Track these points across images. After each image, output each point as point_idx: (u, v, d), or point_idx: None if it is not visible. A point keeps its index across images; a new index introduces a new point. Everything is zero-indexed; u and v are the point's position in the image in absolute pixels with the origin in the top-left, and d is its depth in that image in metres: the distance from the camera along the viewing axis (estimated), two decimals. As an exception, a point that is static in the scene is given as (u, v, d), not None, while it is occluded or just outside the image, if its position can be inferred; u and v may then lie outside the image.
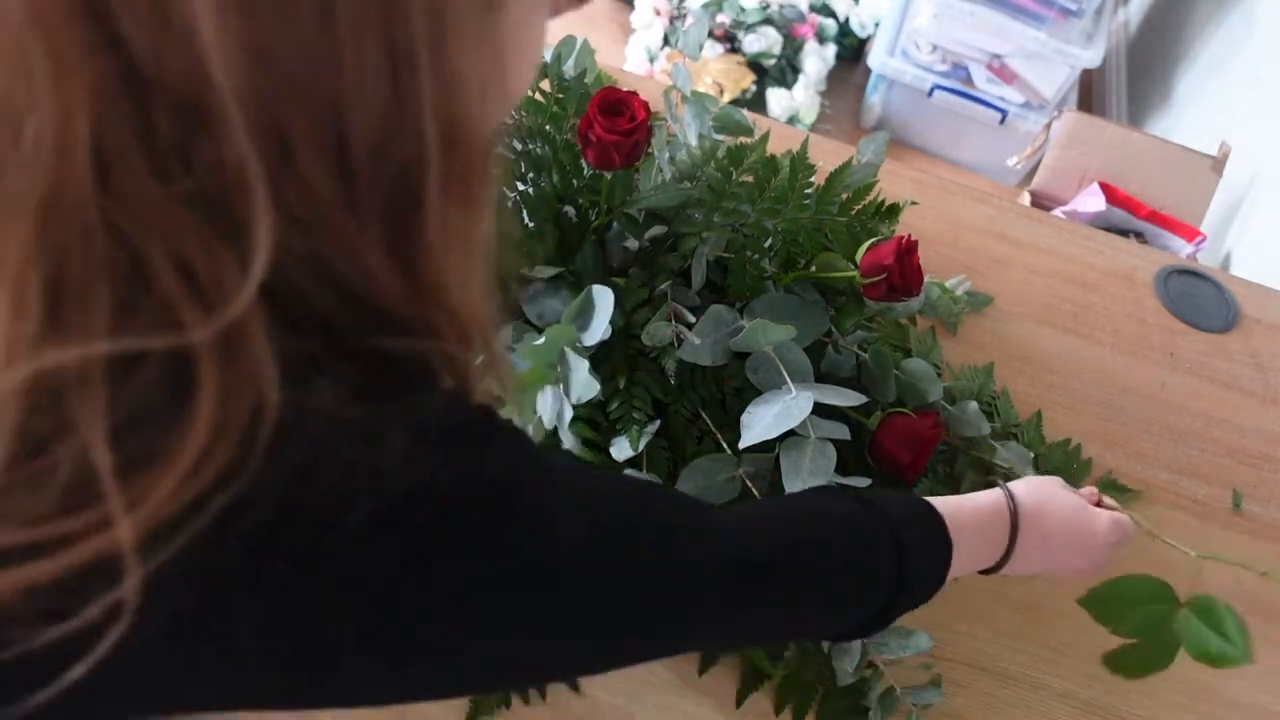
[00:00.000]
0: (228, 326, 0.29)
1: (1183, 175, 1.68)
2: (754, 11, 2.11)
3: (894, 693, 0.70)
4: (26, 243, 0.27)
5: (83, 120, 0.27)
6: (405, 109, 0.30)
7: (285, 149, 0.29)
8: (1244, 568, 0.76)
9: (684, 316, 0.76)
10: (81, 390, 0.28)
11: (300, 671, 0.32)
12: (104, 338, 0.28)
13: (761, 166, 0.78)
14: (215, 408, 0.28)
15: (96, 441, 0.28)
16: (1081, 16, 1.96)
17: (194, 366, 0.29)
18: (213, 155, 0.28)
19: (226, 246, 0.29)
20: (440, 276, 0.34)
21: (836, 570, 0.51)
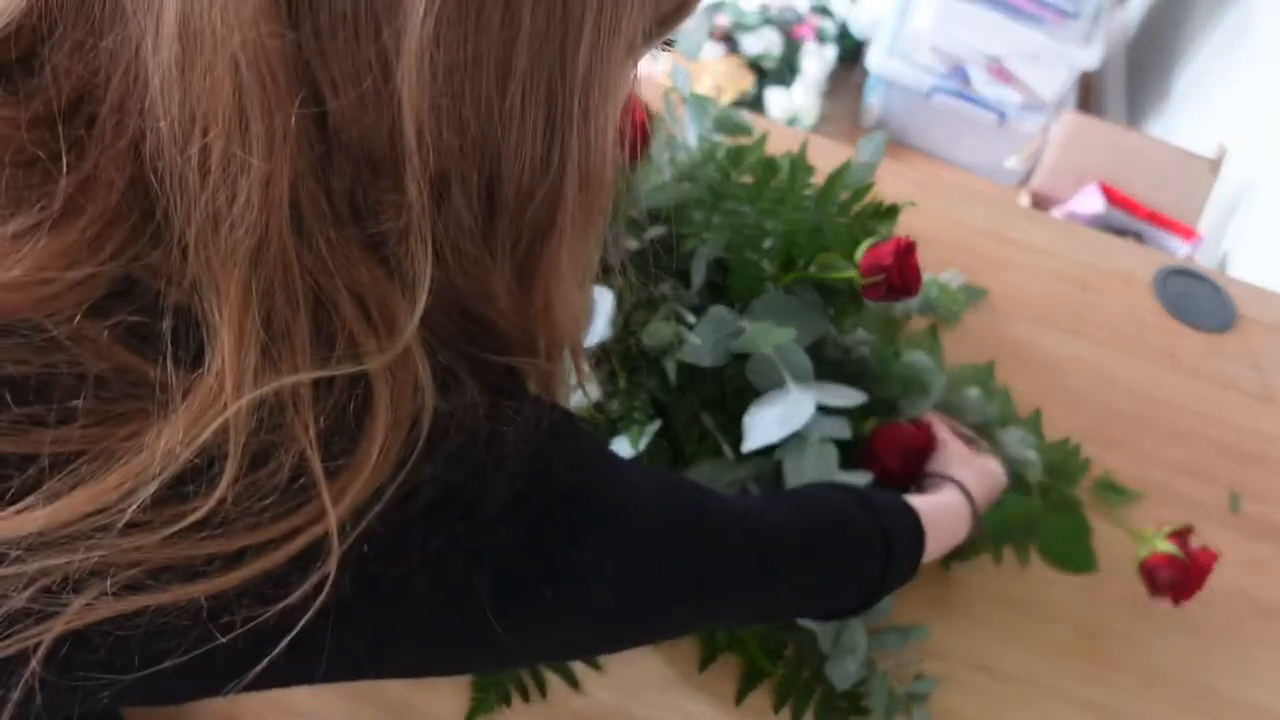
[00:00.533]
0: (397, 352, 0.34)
1: (1180, 176, 1.68)
2: (753, 13, 2.11)
3: (893, 691, 0.70)
4: (243, 287, 0.31)
5: (283, 177, 0.31)
6: (553, 161, 0.34)
7: (443, 194, 0.33)
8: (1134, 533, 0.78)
9: (684, 317, 0.77)
10: (295, 409, 0.32)
11: (447, 636, 0.38)
12: (307, 367, 0.32)
13: (761, 167, 0.78)
14: (389, 415, 0.33)
15: (310, 448, 0.32)
16: (1080, 18, 1.97)
17: (371, 384, 0.33)
18: (384, 201, 0.33)
19: (393, 281, 0.34)
20: (550, 299, 0.39)
21: (844, 557, 0.59)
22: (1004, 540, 0.78)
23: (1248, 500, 0.90)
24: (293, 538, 0.32)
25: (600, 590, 0.41)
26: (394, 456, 0.34)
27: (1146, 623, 0.81)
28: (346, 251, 0.33)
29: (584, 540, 0.39)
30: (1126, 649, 0.79)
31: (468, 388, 0.36)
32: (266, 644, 0.33)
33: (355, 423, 0.33)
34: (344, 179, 0.32)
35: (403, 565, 0.35)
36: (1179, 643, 0.80)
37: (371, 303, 0.33)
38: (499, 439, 0.36)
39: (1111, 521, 0.86)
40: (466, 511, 0.35)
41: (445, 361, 0.36)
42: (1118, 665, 0.78)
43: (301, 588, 0.32)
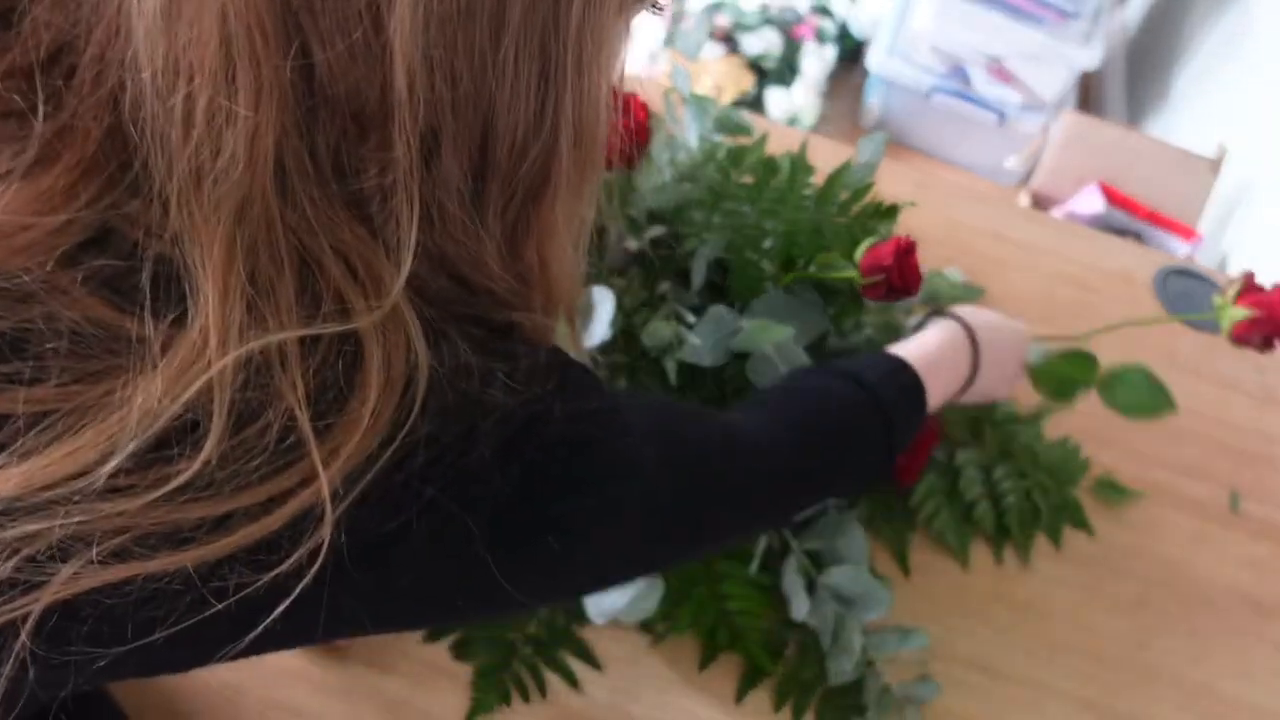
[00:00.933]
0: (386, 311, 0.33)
1: (1180, 176, 1.68)
2: (753, 13, 2.11)
3: (890, 691, 0.70)
4: (227, 243, 0.31)
5: (268, 133, 0.30)
6: (547, 115, 0.34)
7: (434, 152, 0.33)
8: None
9: (684, 317, 0.77)
10: (281, 366, 0.32)
11: (449, 585, 0.37)
12: (293, 323, 0.32)
13: (761, 167, 0.78)
14: (381, 374, 0.33)
15: (298, 406, 0.32)
16: (1079, 18, 1.97)
17: (360, 343, 0.33)
18: (369, 160, 0.32)
19: (377, 241, 0.33)
20: (545, 259, 0.39)
21: (845, 451, 0.60)
22: (1069, 394, 0.77)
23: (1248, 500, 0.90)
24: (283, 500, 0.32)
25: (599, 538, 0.41)
26: (388, 417, 0.33)
27: (1146, 622, 0.81)
28: (330, 211, 0.32)
29: (582, 489, 0.39)
30: (1126, 649, 0.79)
31: (460, 347, 0.36)
32: (261, 610, 0.33)
33: (345, 381, 0.33)
34: (330, 135, 0.32)
35: (402, 519, 0.34)
36: (1179, 643, 0.80)
37: (357, 263, 0.33)
38: (492, 388, 0.36)
39: (1111, 520, 0.86)
40: (459, 459, 0.35)
41: (436, 321, 0.36)
42: (1118, 665, 0.78)
43: (295, 554, 0.32)
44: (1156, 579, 0.84)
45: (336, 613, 0.35)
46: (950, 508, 0.82)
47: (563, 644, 0.71)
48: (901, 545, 0.80)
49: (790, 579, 0.71)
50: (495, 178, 0.35)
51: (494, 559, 0.37)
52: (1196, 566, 0.85)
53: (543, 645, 0.70)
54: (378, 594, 0.36)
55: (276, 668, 0.67)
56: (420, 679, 0.68)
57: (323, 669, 0.68)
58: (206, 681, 0.66)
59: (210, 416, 0.31)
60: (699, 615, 0.72)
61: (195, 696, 0.66)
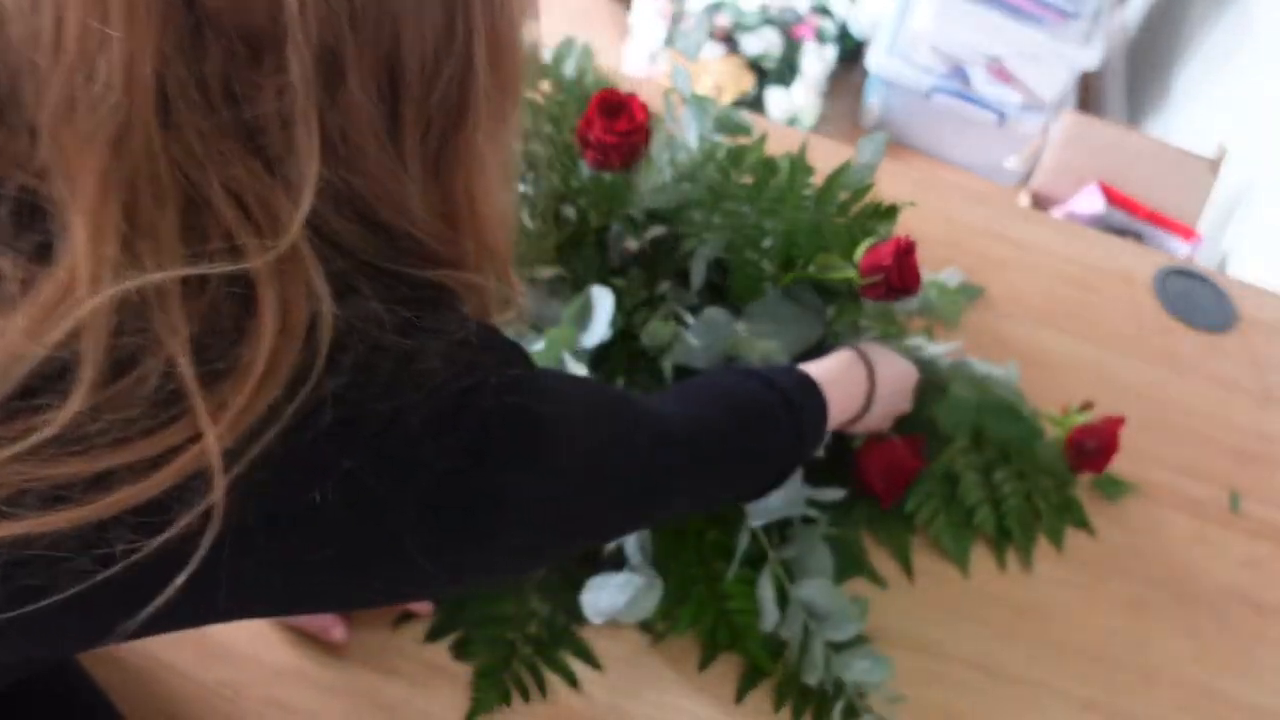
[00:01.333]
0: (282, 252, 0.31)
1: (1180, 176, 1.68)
2: (753, 13, 2.11)
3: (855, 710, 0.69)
4: (101, 176, 0.28)
5: (148, 58, 0.28)
6: (457, 29, 0.32)
7: (335, 78, 0.30)
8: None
9: (683, 317, 0.77)
10: (161, 309, 0.29)
11: (365, 560, 0.35)
12: (176, 263, 0.29)
13: (761, 167, 0.78)
14: (276, 321, 0.30)
15: (180, 353, 0.29)
16: (1080, 18, 1.96)
17: (253, 286, 0.30)
18: (263, 86, 0.29)
19: (274, 177, 0.31)
20: (473, 195, 0.36)
21: (761, 440, 0.60)
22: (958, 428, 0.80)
23: (1248, 500, 0.90)
24: (169, 459, 0.30)
25: (530, 512, 0.39)
26: (287, 369, 0.31)
27: (1146, 622, 0.81)
28: (221, 143, 0.30)
29: (518, 463, 0.37)
30: (1126, 649, 0.79)
31: (373, 299, 0.33)
32: (156, 579, 0.30)
33: (234, 327, 0.30)
34: (218, 60, 0.29)
35: (312, 489, 0.32)
36: (1179, 642, 0.80)
37: (250, 199, 0.30)
38: (418, 354, 0.34)
39: (1111, 521, 0.86)
40: (383, 430, 0.33)
41: (346, 271, 0.33)
42: (1118, 665, 0.78)
43: (184, 517, 0.30)
44: (1156, 579, 0.84)
45: (240, 586, 0.33)
46: (949, 514, 0.82)
47: (563, 644, 0.71)
48: (903, 549, 0.80)
49: (762, 589, 0.71)
50: (408, 102, 0.32)
51: (419, 536, 0.35)
52: (1196, 567, 0.85)
53: (543, 645, 0.70)
54: (287, 568, 0.34)
55: (276, 668, 0.67)
56: (420, 679, 0.68)
57: (322, 669, 0.68)
58: (206, 682, 0.66)
59: (81, 363, 0.29)
60: (699, 615, 0.72)
61: (194, 696, 0.66)
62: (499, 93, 0.35)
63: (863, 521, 0.80)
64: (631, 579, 0.69)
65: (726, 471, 0.59)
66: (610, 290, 0.73)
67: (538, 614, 0.72)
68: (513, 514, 0.38)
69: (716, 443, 0.57)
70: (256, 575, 0.33)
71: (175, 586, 0.30)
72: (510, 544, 0.40)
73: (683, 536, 0.74)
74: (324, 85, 0.30)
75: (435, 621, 0.70)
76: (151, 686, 0.66)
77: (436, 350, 0.34)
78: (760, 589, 0.71)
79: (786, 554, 0.72)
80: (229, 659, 0.67)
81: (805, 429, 0.62)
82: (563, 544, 0.47)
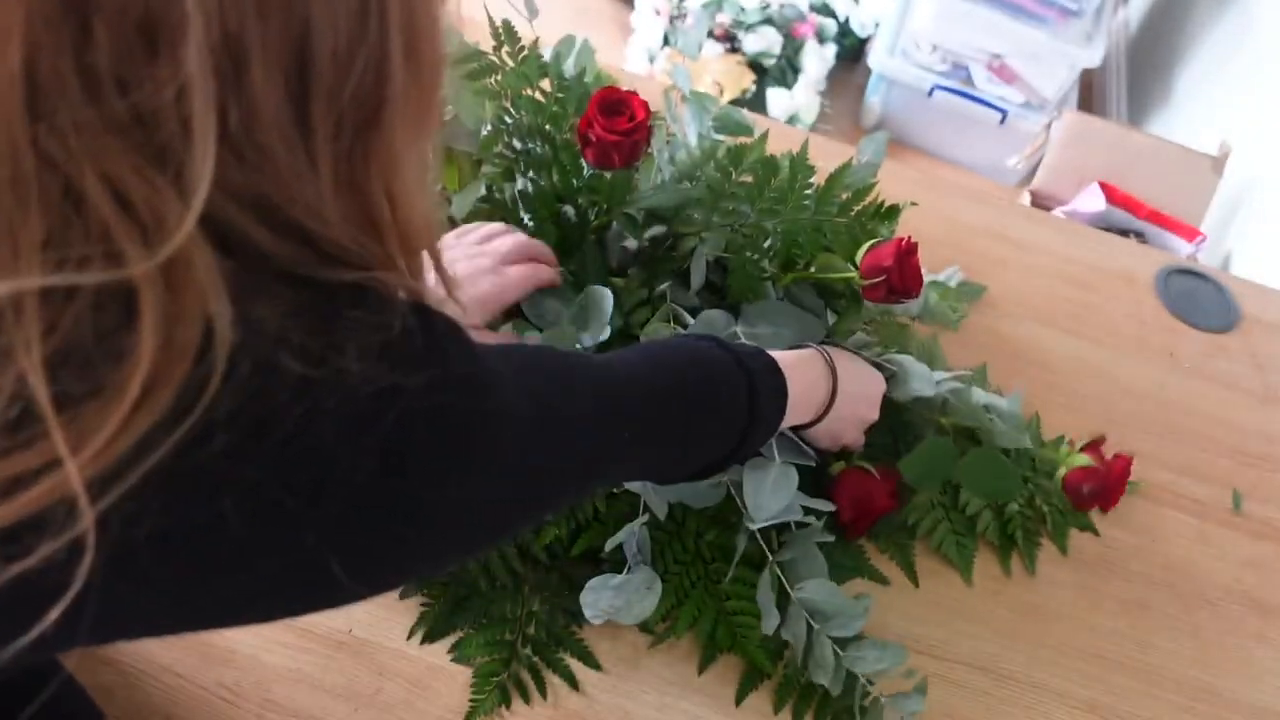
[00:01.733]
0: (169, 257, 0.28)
1: (1183, 175, 1.68)
2: (754, 11, 2.11)
3: (879, 702, 0.69)
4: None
5: (14, 44, 0.25)
6: (370, 17, 0.30)
7: (238, 68, 0.28)
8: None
9: (682, 318, 0.76)
10: (15, 320, 0.27)
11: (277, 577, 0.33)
12: (35, 271, 0.27)
13: (761, 166, 0.78)
14: (158, 336, 0.28)
15: (33, 372, 0.27)
16: (1081, 16, 1.96)
17: (134, 298, 0.28)
18: (157, 76, 0.27)
19: (164, 176, 0.28)
20: (393, 196, 0.34)
21: (712, 400, 0.59)
22: (929, 482, 0.78)
23: (1250, 500, 0.90)
24: (24, 485, 0.27)
25: (462, 517, 0.37)
26: (171, 391, 0.28)
27: (1148, 623, 0.80)
28: (102, 137, 0.27)
29: (447, 469, 0.35)
30: (1127, 649, 0.79)
31: (278, 307, 0.31)
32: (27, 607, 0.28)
33: (105, 342, 0.28)
34: (108, 50, 0.26)
35: (212, 504, 0.30)
36: (1180, 643, 0.80)
37: (136, 199, 0.28)
38: (331, 356, 0.31)
39: (1112, 522, 0.86)
40: (292, 438, 0.30)
41: (251, 280, 0.31)
42: (1120, 666, 0.78)
43: (47, 546, 0.27)
44: (1158, 580, 0.83)
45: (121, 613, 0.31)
46: (952, 523, 0.81)
47: (563, 645, 0.71)
48: (906, 556, 0.80)
49: (762, 593, 0.71)
50: (318, 96, 0.30)
51: (337, 551, 0.33)
52: (1198, 567, 0.85)
53: (543, 646, 0.70)
54: (182, 593, 0.32)
55: (276, 668, 0.67)
56: (420, 679, 0.68)
57: (323, 669, 0.68)
58: (205, 683, 0.66)
59: None
60: (698, 617, 0.72)
61: (193, 697, 0.66)
62: (416, 88, 0.33)
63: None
64: (630, 580, 0.69)
65: (674, 440, 0.57)
66: (609, 291, 0.73)
67: (537, 615, 0.71)
68: (440, 521, 0.36)
69: (670, 405, 0.55)
70: (139, 598, 0.31)
71: (48, 620, 0.28)
72: (437, 549, 0.38)
73: (682, 537, 0.74)
74: (225, 76, 0.28)
75: (435, 622, 0.70)
76: (150, 688, 0.66)
77: (352, 352, 0.32)
78: (760, 593, 0.71)
79: (783, 557, 0.72)
80: (228, 660, 0.67)
81: (759, 387, 0.61)
82: (495, 539, 0.46)
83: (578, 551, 0.71)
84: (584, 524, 0.73)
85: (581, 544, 0.71)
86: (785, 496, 0.69)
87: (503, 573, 0.72)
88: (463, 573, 0.72)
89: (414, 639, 0.70)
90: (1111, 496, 0.77)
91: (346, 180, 0.32)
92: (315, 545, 0.32)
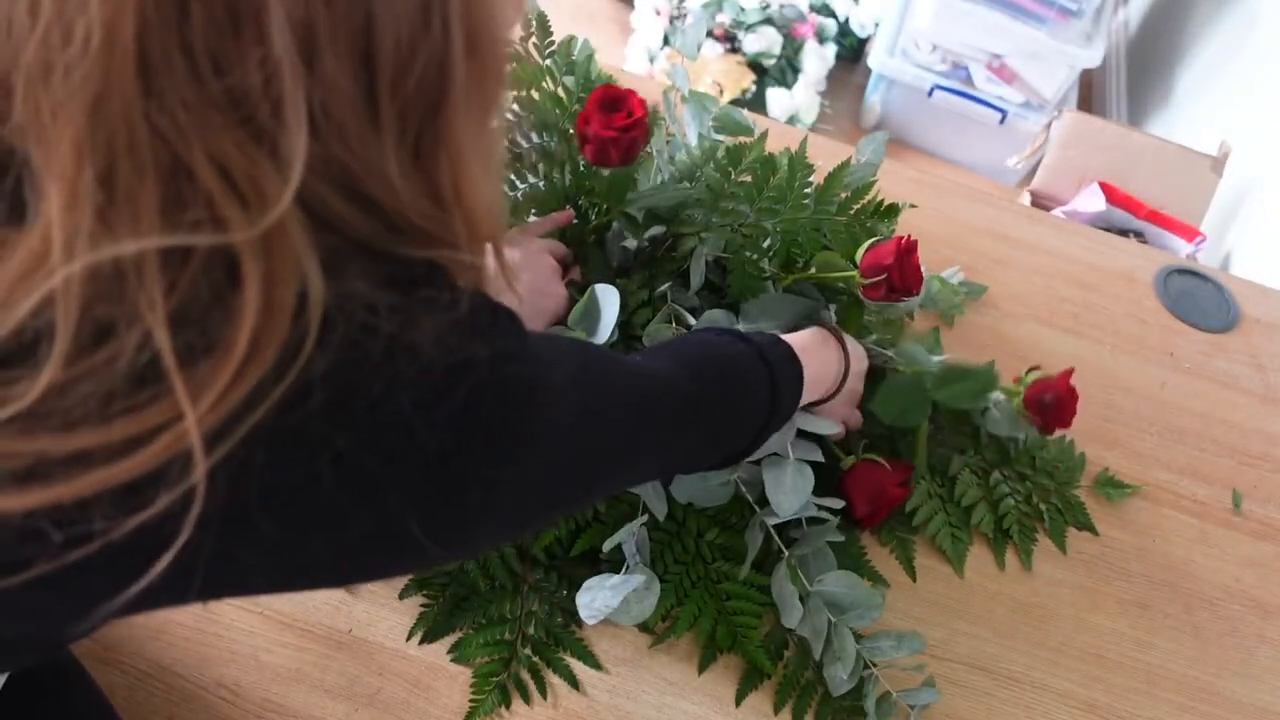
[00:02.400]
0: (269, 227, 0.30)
1: (1183, 175, 1.68)
2: (754, 11, 2.11)
3: (890, 697, 0.70)
4: (78, 141, 0.28)
5: (128, 22, 0.27)
6: (433, 14, 0.32)
7: (312, 51, 0.30)
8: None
9: (683, 318, 0.76)
10: (139, 280, 0.29)
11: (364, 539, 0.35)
12: (154, 233, 0.28)
13: (760, 166, 0.78)
14: (260, 298, 0.30)
15: (158, 326, 0.28)
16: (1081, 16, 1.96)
17: (238, 261, 0.30)
18: (246, 56, 0.29)
19: (261, 149, 0.30)
20: (458, 183, 0.36)
21: (739, 394, 0.61)
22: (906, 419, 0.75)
23: (1250, 500, 0.90)
24: (149, 439, 0.29)
25: (524, 484, 0.39)
26: (273, 348, 0.30)
27: (1148, 623, 0.80)
28: (205, 114, 0.29)
29: (514, 438, 0.37)
30: (1128, 649, 0.79)
31: (366, 281, 0.33)
32: (140, 558, 0.30)
33: (216, 303, 0.30)
34: (202, 28, 0.28)
35: (309, 467, 0.32)
36: (1181, 643, 0.80)
37: (237, 172, 0.30)
38: (409, 330, 0.33)
39: (1112, 521, 0.86)
40: (374, 408, 0.32)
41: (337, 249, 0.33)
42: (1119, 666, 0.78)
43: (165, 498, 0.29)
44: (1158, 580, 0.83)
45: (227, 568, 0.33)
46: (948, 515, 0.81)
47: (563, 645, 0.71)
48: (906, 551, 0.80)
49: (782, 587, 0.71)
50: (383, 84, 0.32)
51: (417, 514, 0.35)
52: (1198, 567, 0.85)
53: (543, 646, 0.70)
54: (285, 548, 0.33)
55: (276, 668, 0.67)
56: (420, 679, 0.68)
57: (322, 669, 0.68)
58: (205, 683, 0.66)
59: (54, 335, 0.28)
60: (698, 617, 0.72)
61: (194, 697, 0.66)
62: (477, 84, 0.34)
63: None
64: (628, 580, 0.69)
65: (700, 435, 0.60)
66: (615, 290, 0.73)
67: (537, 615, 0.71)
68: (507, 489, 0.38)
69: (699, 404, 0.57)
70: (248, 555, 0.33)
71: (160, 568, 0.30)
72: (503, 517, 0.40)
73: (682, 537, 0.74)
74: (303, 57, 0.29)
75: (435, 622, 0.70)
76: (151, 687, 0.66)
77: (428, 326, 0.34)
78: (778, 587, 0.71)
79: (797, 553, 0.72)
80: (228, 660, 0.67)
81: (779, 378, 0.64)
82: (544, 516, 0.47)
83: (577, 552, 0.71)
84: (583, 524, 0.73)
85: (581, 544, 0.71)
86: (804, 493, 0.69)
87: (502, 573, 0.72)
88: (462, 573, 0.72)
89: (414, 639, 0.70)
90: (1067, 406, 0.79)
91: (414, 163, 0.34)
92: (398, 512, 0.34)
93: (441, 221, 0.36)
